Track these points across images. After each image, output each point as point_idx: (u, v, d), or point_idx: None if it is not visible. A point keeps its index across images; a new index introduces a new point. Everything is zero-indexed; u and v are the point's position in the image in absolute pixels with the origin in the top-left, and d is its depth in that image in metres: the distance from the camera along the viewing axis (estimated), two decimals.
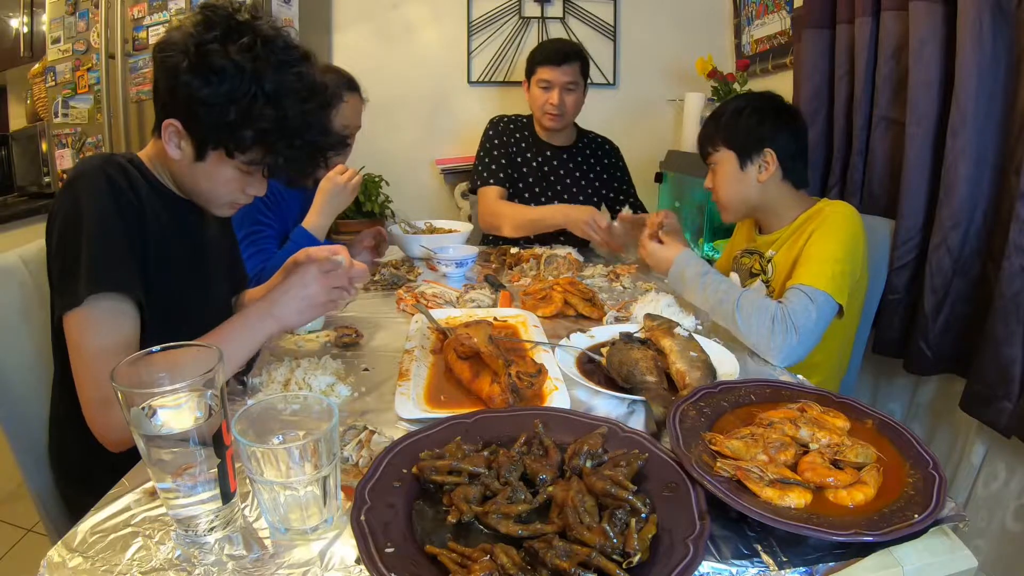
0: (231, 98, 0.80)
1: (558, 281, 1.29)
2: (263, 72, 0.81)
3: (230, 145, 0.84)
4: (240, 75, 0.80)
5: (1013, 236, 1.10)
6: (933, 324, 1.32)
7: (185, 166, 0.88)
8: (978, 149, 1.21)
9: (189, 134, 0.84)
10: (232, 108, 0.80)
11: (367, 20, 2.68)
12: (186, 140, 0.85)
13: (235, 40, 0.80)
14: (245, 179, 0.90)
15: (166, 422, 0.56)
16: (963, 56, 1.19)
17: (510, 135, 1.93)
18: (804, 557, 0.54)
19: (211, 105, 0.80)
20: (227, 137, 0.83)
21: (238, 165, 0.86)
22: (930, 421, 1.47)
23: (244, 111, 0.80)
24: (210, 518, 0.57)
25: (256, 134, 0.83)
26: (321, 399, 0.62)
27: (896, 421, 0.71)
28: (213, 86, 0.79)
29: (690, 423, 0.70)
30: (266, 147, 0.85)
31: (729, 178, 1.26)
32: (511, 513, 0.57)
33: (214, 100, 0.80)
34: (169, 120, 0.84)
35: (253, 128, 0.82)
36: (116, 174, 0.84)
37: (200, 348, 0.61)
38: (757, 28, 2.38)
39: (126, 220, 0.83)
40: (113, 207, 0.82)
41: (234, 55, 0.79)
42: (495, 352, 0.86)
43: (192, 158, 0.86)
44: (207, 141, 0.84)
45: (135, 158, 0.92)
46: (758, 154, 1.23)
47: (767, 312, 1.03)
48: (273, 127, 0.82)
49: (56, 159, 2.55)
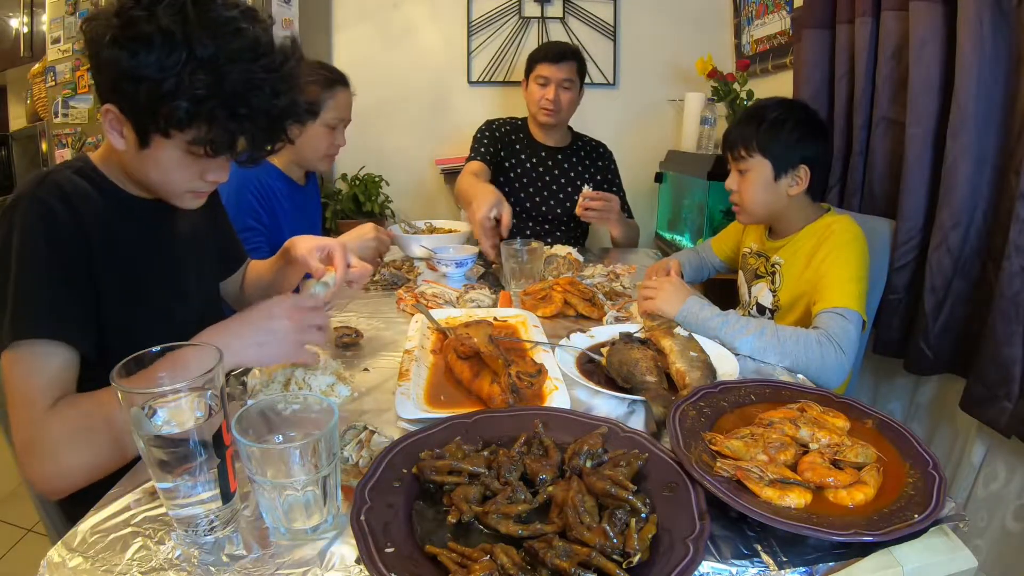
0: (161, 67, 0.70)
1: (558, 281, 1.29)
2: (195, 34, 0.70)
3: (166, 122, 0.73)
4: (169, 41, 0.70)
5: (1013, 236, 1.10)
6: (933, 324, 1.32)
7: (132, 156, 0.80)
8: (978, 149, 1.21)
9: (127, 118, 0.75)
10: (164, 80, 0.70)
11: (367, 20, 2.69)
12: (127, 126, 0.76)
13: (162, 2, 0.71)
14: (199, 163, 0.80)
15: (166, 422, 0.56)
16: (963, 56, 1.19)
17: (504, 136, 1.96)
18: (804, 557, 0.54)
19: (140, 79, 0.70)
20: (162, 113, 0.72)
21: (184, 146, 0.76)
22: (930, 421, 1.47)
23: (176, 81, 0.70)
24: (210, 518, 0.57)
25: (191, 104, 0.71)
26: (321, 399, 0.62)
27: (896, 421, 0.71)
28: (139, 56, 0.70)
29: (690, 423, 0.71)
30: (207, 120, 0.73)
31: (759, 186, 1.26)
32: (511, 513, 0.57)
33: (142, 72, 0.70)
34: (107, 106, 0.75)
35: (187, 98, 0.71)
36: (53, 200, 0.76)
37: (200, 348, 0.61)
38: (757, 28, 2.38)
39: (62, 254, 0.75)
40: (44, 243, 0.74)
41: (161, 19, 0.70)
42: (495, 352, 0.86)
43: (136, 145, 0.77)
44: (145, 122, 0.74)
45: (86, 165, 0.85)
46: (794, 169, 1.23)
47: (810, 339, 1.03)
48: (210, 94, 0.71)
49: (56, 159, 2.56)
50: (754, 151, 1.25)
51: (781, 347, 1.01)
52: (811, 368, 1.01)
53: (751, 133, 1.26)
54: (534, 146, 1.96)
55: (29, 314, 0.72)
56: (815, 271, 1.19)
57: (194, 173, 0.82)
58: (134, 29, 0.70)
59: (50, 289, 0.74)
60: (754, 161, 1.25)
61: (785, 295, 1.28)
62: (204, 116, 0.73)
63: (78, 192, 0.80)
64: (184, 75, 0.70)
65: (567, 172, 1.97)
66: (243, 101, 0.74)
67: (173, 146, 0.77)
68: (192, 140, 0.75)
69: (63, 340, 0.73)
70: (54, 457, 0.68)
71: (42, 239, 0.75)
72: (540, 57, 1.87)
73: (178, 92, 0.71)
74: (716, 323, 1.07)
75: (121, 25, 0.71)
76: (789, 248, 1.28)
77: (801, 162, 1.23)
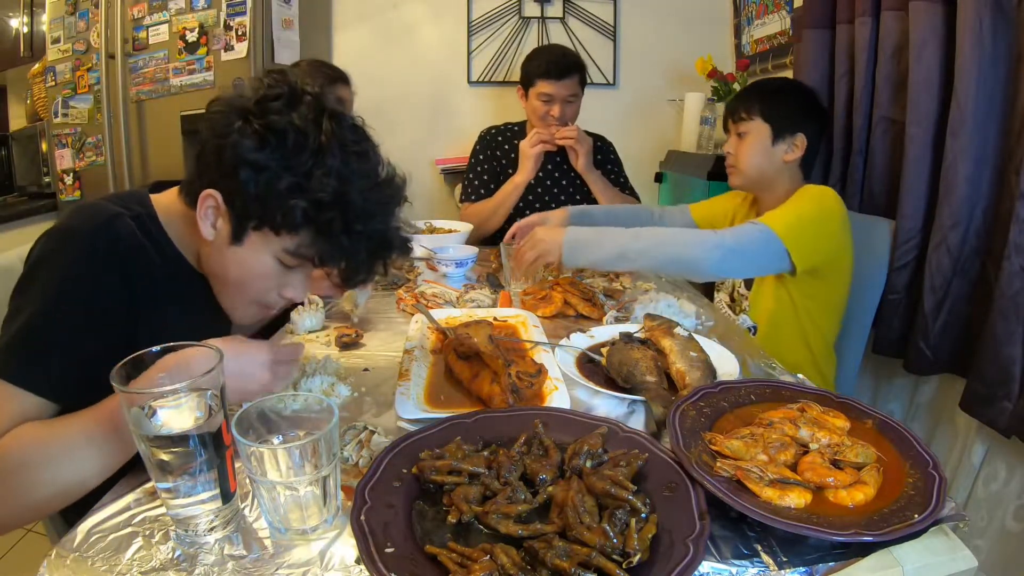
0: (286, 165, 0.69)
1: (558, 281, 1.29)
2: (327, 143, 0.69)
3: (276, 219, 0.70)
4: (302, 140, 0.69)
5: (1013, 236, 1.10)
6: (933, 324, 1.32)
7: (217, 249, 0.75)
8: (978, 149, 1.21)
9: (229, 209, 0.72)
10: (286, 175, 0.68)
11: (367, 20, 2.68)
12: (224, 218, 0.73)
13: (300, 108, 0.70)
14: (284, 276, 0.76)
15: (166, 422, 0.56)
16: (963, 56, 1.19)
17: (499, 146, 1.98)
18: (804, 557, 0.54)
19: (261, 169, 0.68)
20: (275, 209, 0.69)
21: (280, 253, 0.73)
22: (930, 421, 1.47)
23: (300, 180, 0.69)
24: (210, 518, 0.57)
25: (312, 207, 0.69)
26: (321, 399, 0.62)
27: (896, 421, 0.71)
28: (268, 149, 0.68)
29: (690, 423, 0.70)
30: (321, 228, 0.71)
31: (757, 148, 1.29)
32: (511, 513, 0.57)
33: (266, 163, 0.68)
34: (209, 191, 0.72)
35: (308, 198, 0.69)
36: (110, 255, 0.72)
37: (200, 348, 0.61)
38: (757, 28, 2.38)
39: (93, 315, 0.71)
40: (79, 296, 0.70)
41: (297, 119, 0.69)
42: (495, 352, 0.86)
43: (228, 239, 0.73)
44: (248, 216, 0.71)
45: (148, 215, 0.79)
46: (791, 135, 1.27)
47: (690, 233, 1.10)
48: (332, 201, 0.69)
49: (56, 159, 2.55)
50: (755, 114, 1.29)
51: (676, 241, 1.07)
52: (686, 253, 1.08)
53: (755, 97, 1.30)
54: None
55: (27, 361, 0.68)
56: None
57: (273, 285, 0.78)
58: (268, 119, 0.69)
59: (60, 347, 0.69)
60: (754, 124, 1.29)
61: None
62: (320, 223, 0.71)
63: (135, 246, 0.75)
64: (311, 177, 0.69)
65: (567, 172, 1.97)
66: (361, 218, 0.72)
67: (267, 250, 0.74)
68: (296, 247, 0.73)
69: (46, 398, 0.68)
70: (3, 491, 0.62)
71: (82, 291, 0.70)
72: (542, 73, 1.81)
73: (300, 191, 0.69)
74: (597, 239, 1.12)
75: (257, 113, 0.69)
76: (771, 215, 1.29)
77: (800, 130, 1.26)
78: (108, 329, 0.73)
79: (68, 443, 0.64)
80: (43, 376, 0.67)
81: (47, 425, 0.66)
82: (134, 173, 2.35)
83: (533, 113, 1.89)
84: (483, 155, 1.98)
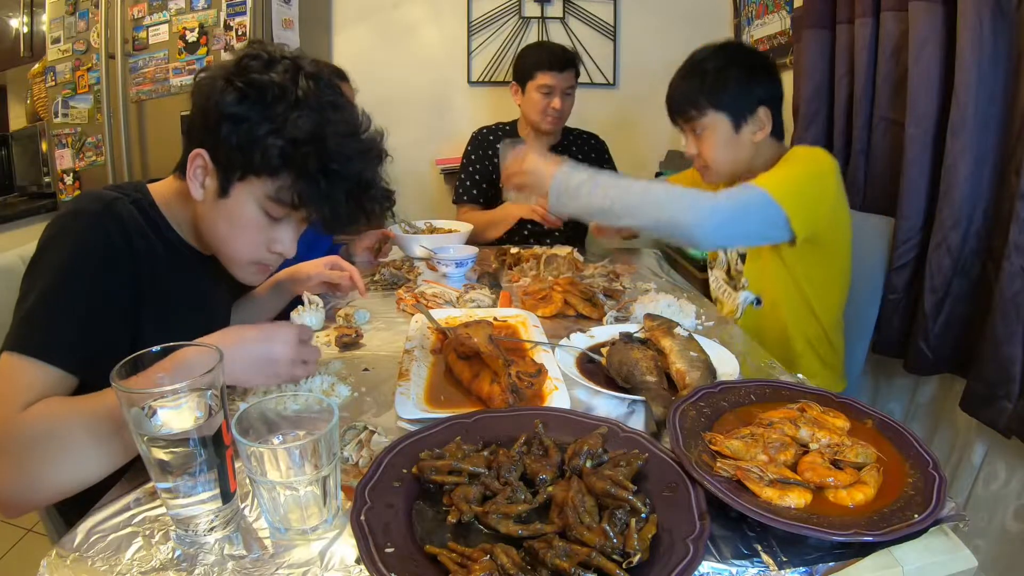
0: (265, 115, 0.73)
1: (558, 281, 1.29)
2: (304, 98, 0.74)
3: (256, 160, 0.74)
4: (279, 93, 0.73)
5: (1013, 236, 1.10)
6: (933, 324, 1.32)
7: (207, 207, 0.80)
8: (978, 149, 1.21)
9: (215, 166, 0.77)
10: (264, 124, 0.73)
11: (367, 20, 2.69)
12: (211, 176, 0.78)
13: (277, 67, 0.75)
14: (271, 229, 0.80)
15: (166, 422, 0.56)
16: (963, 56, 1.19)
17: (490, 146, 1.98)
18: (804, 557, 0.54)
19: (242, 120, 0.73)
20: (254, 152, 0.73)
21: (263, 201, 0.77)
22: (930, 421, 1.47)
23: (277, 126, 0.73)
24: (210, 518, 0.57)
25: (288, 144, 0.73)
26: (321, 399, 0.62)
27: (896, 421, 0.71)
28: (248, 101, 0.73)
29: (690, 423, 0.70)
30: (298, 168, 0.74)
31: (721, 142, 1.18)
32: (511, 513, 0.57)
33: (246, 114, 0.73)
34: (196, 151, 0.77)
35: (284, 137, 0.73)
36: (114, 231, 0.75)
37: (200, 348, 0.61)
38: (757, 28, 2.38)
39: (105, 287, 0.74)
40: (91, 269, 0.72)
41: (275, 76, 0.74)
42: (495, 352, 0.86)
43: (215, 194, 0.78)
44: (232, 167, 0.76)
45: (145, 199, 0.83)
46: (752, 115, 1.16)
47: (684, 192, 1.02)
48: (307, 139, 0.73)
49: (56, 159, 2.55)
50: (705, 108, 1.17)
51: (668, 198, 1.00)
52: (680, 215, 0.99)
53: (696, 89, 1.18)
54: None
55: (43, 333, 0.69)
56: None
57: (262, 240, 0.81)
58: (248, 76, 0.74)
59: (75, 316, 0.71)
60: (708, 119, 1.17)
61: None
62: (297, 162, 0.74)
63: (137, 230, 0.78)
64: (287, 121, 0.73)
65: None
66: (337, 159, 0.76)
67: (252, 199, 0.77)
68: (276, 190, 0.76)
69: (66, 369, 0.69)
70: (19, 464, 0.63)
71: (91, 265, 0.73)
72: (543, 65, 1.84)
73: (276, 134, 0.73)
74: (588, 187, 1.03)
75: (236, 72, 0.74)
76: None
77: (760, 105, 1.15)
78: (116, 304, 0.75)
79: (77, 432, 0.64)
80: (59, 348, 0.69)
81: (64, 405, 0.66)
82: (134, 173, 2.35)
83: (533, 107, 1.89)
84: (475, 155, 1.99)
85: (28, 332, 0.69)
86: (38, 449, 0.63)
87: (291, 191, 0.76)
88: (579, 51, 2.66)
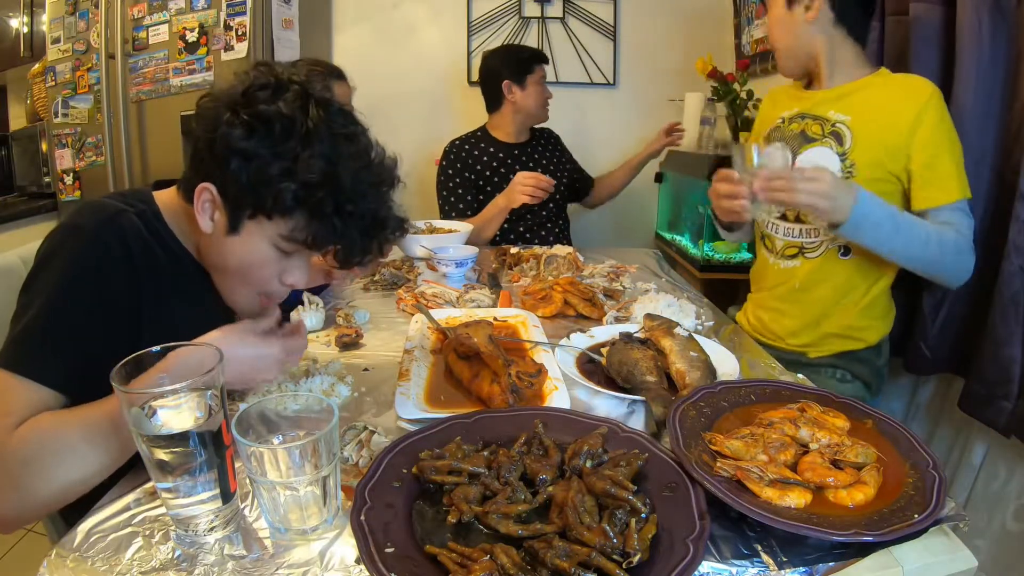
0: (276, 152, 0.70)
1: (558, 281, 1.29)
2: (314, 128, 0.71)
3: (269, 204, 0.71)
4: (289, 127, 0.70)
5: (1012, 236, 1.10)
6: (932, 324, 1.32)
7: (215, 241, 0.77)
8: (977, 149, 1.21)
9: (224, 200, 0.74)
10: (275, 161, 0.70)
11: (367, 20, 2.69)
12: (220, 210, 0.74)
13: (286, 96, 0.72)
14: (282, 262, 0.78)
15: (166, 422, 0.56)
16: (962, 56, 1.19)
17: (468, 155, 2.01)
18: (804, 557, 0.54)
19: (252, 157, 0.70)
20: (266, 194, 0.71)
21: (276, 239, 0.75)
22: (930, 421, 1.47)
23: (289, 164, 0.70)
24: (210, 518, 0.57)
25: (301, 189, 0.70)
26: (321, 399, 0.62)
27: (896, 421, 0.71)
28: (257, 137, 0.70)
29: (690, 423, 0.70)
30: (313, 210, 0.72)
31: (777, 19, 1.18)
32: (511, 513, 0.57)
33: (256, 152, 0.70)
34: (204, 184, 0.73)
35: (298, 181, 0.70)
36: (115, 245, 0.73)
37: (200, 348, 0.61)
38: (757, 28, 2.38)
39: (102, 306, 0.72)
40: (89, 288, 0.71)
41: (284, 107, 0.71)
42: (495, 352, 0.86)
43: (225, 230, 0.75)
44: (243, 205, 0.73)
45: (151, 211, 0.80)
46: None
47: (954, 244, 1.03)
48: (321, 182, 0.71)
49: (56, 159, 2.55)
50: None
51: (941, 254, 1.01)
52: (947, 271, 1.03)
53: None
54: (496, 146, 2.04)
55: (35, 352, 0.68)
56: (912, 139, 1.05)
57: (274, 272, 0.79)
58: (255, 109, 0.70)
59: (70, 337, 0.70)
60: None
61: (863, 158, 1.10)
62: (311, 205, 0.72)
63: (140, 242, 0.76)
64: (299, 160, 0.70)
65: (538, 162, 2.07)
66: (352, 198, 0.73)
67: (263, 237, 0.75)
68: (289, 231, 0.74)
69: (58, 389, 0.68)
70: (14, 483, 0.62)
71: (88, 285, 0.71)
72: (539, 58, 1.99)
73: (289, 175, 0.70)
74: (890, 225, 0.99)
75: (244, 104, 0.71)
76: (854, 101, 1.13)
77: None
78: (115, 322, 0.74)
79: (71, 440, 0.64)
80: (53, 368, 0.68)
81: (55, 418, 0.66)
82: (134, 173, 2.35)
83: (535, 100, 1.97)
84: (452, 170, 2.00)
85: (22, 351, 0.68)
86: (32, 466, 0.62)
87: (305, 232, 0.74)
88: (580, 51, 2.69)
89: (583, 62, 2.70)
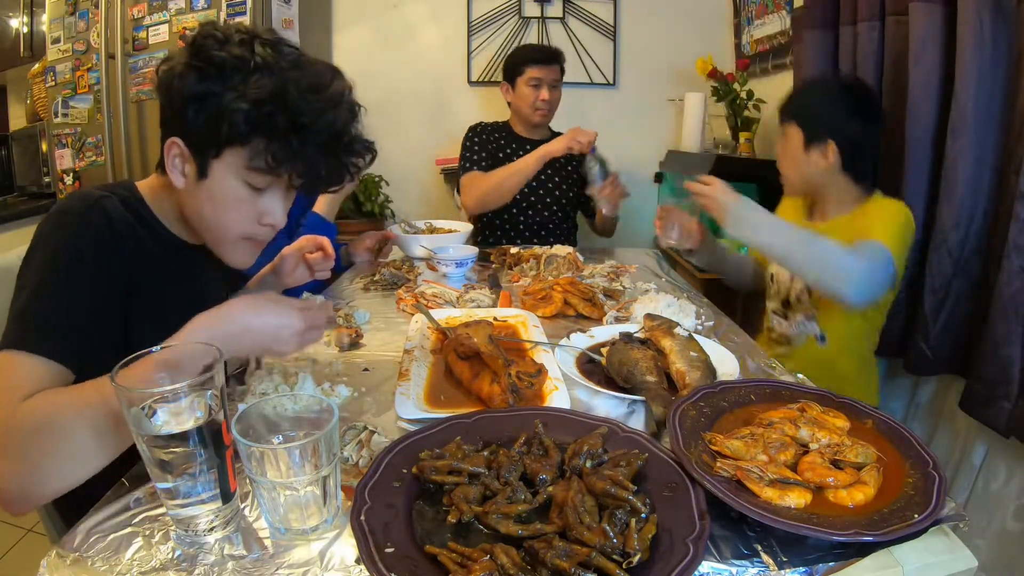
0: (227, 86, 0.73)
1: (558, 281, 1.29)
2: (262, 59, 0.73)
3: (224, 132, 0.73)
4: (238, 64, 0.73)
5: (1013, 236, 1.10)
6: (933, 324, 1.32)
7: (190, 193, 0.80)
8: (978, 149, 1.21)
9: (190, 149, 0.76)
10: (227, 94, 0.72)
11: (367, 20, 2.69)
12: (189, 161, 0.77)
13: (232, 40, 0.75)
14: (257, 201, 0.79)
15: (166, 422, 0.56)
16: (963, 57, 1.19)
17: (490, 135, 2.02)
18: (804, 557, 0.54)
19: (205, 97, 0.73)
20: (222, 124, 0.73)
21: (242, 173, 0.76)
22: (930, 421, 1.47)
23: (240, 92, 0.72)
24: (210, 518, 0.57)
25: (252, 108, 0.72)
26: (321, 399, 0.62)
27: (896, 421, 0.71)
28: (209, 79, 0.73)
29: (690, 423, 0.70)
30: (267, 130, 0.73)
31: (791, 153, 1.27)
32: (511, 513, 0.57)
33: (209, 91, 0.72)
34: (171, 140, 0.77)
35: (248, 100, 0.72)
36: (102, 225, 0.75)
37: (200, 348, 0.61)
38: (757, 28, 2.38)
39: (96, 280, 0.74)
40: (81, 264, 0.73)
41: (233, 50, 0.73)
42: (495, 352, 0.86)
43: (195, 177, 0.77)
44: (205, 145, 0.75)
45: (133, 196, 0.83)
46: (821, 142, 1.22)
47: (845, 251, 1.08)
48: (270, 98, 0.72)
49: (56, 159, 2.55)
50: (790, 117, 1.25)
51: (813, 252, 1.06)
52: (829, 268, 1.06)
53: (794, 98, 1.28)
54: (521, 143, 2.02)
55: (37, 328, 0.69)
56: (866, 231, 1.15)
57: (251, 214, 0.80)
58: (204, 55, 0.73)
59: (66, 310, 0.71)
60: (790, 128, 1.25)
61: None
62: (266, 127, 0.73)
63: (125, 225, 0.78)
64: (248, 84, 0.72)
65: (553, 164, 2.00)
66: (305, 112, 0.74)
67: (230, 174, 0.77)
68: (250, 159, 0.75)
69: (61, 362, 0.69)
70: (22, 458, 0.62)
71: (79, 260, 0.73)
72: (531, 59, 1.94)
73: (240, 99, 0.72)
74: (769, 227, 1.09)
75: (192, 53, 0.74)
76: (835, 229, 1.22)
77: (829, 137, 1.20)
78: (106, 297, 0.75)
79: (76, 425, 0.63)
80: (53, 341, 0.69)
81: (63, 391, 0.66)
82: (134, 173, 2.35)
83: (524, 101, 1.95)
84: (478, 140, 2.00)
85: (22, 328, 0.70)
86: (39, 441, 0.62)
87: (265, 155, 0.75)
88: (579, 51, 2.68)
89: (583, 62, 2.71)
